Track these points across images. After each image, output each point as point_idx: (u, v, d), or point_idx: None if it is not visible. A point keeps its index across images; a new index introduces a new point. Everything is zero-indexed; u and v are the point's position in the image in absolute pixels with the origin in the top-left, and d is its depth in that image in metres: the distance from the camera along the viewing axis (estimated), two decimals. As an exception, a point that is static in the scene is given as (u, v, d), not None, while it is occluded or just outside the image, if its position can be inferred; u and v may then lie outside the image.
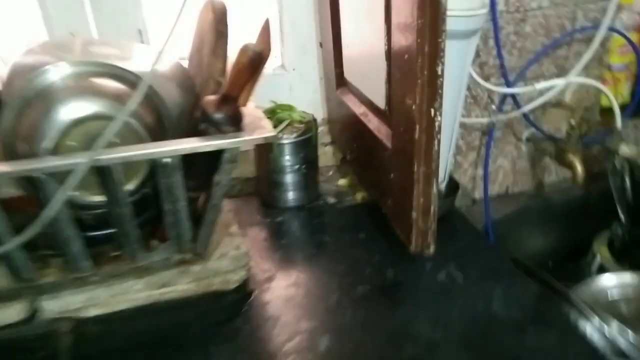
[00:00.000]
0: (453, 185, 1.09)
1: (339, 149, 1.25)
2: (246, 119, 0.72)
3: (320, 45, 1.19)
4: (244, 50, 0.60)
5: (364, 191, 1.15)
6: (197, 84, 0.85)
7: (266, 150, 1.08)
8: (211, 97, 0.67)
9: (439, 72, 0.68)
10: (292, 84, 1.26)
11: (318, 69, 1.24)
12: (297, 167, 1.10)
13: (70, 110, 0.65)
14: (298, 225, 1.09)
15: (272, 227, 1.08)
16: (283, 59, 1.24)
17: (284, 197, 1.13)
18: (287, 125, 1.09)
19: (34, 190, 0.64)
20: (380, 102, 0.87)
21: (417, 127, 0.72)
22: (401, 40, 0.71)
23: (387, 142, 0.84)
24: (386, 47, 0.79)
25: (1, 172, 0.60)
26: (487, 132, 1.19)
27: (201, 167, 0.73)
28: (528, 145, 1.25)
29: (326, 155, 1.29)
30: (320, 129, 1.28)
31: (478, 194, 1.28)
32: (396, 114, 0.79)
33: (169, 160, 0.67)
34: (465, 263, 0.92)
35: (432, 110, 0.71)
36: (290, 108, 1.13)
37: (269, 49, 0.65)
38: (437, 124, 0.72)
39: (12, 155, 0.65)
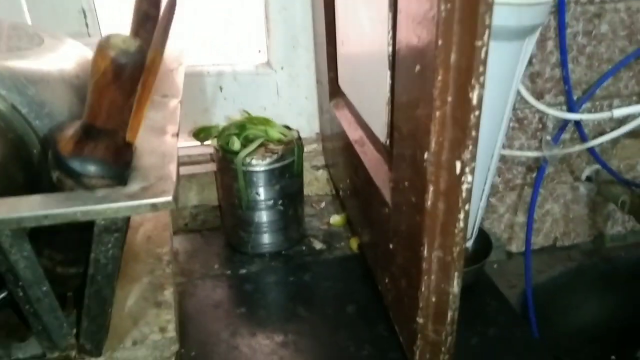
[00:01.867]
0: (484, 243, 0.78)
1: (331, 177, 0.96)
2: (144, 161, 0.43)
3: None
4: (103, 49, 0.31)
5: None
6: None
7: (230, 177, 0.80)
8: (71, 128, 0.38)
9: (475, 101, 0.38)
10: (279, 86, 0.97)
11: (314, 68, 0.95)
12: (271, 202, 0.81)
13: None
14: (267, 284, 0.80)
15: (232, 284, 0.80)
16: (269, 55, 0.95)
17: (253, 241, 0.85)
18: (260, 146, 0.80)
19: None
20: (380, 131, 0.57)
21: (431, 188, 0.42)
22: (412, 38, 0.41)
23: (386, 195, 0.55)
24: (390, 48, 0.49)
25: None
26: (535, 168, 0.87)
27: (71, 234, 0.45)
28: (588, 187, 0.93)
29: (318, 181, 1.00)
30: (313, 146, 0.99)
31: (516, 246, 0.97)
32: (400, 157, 0.49)
33: (-5, 229, 0.39)
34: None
35: (459, 164, 0.41)
36: (266, 122, 0.83)
37: (162, 46, 0.36)
38: (464, 186, 0.42)
39: None
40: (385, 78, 0.51)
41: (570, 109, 0.81)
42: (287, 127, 0.85)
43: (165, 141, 0.47)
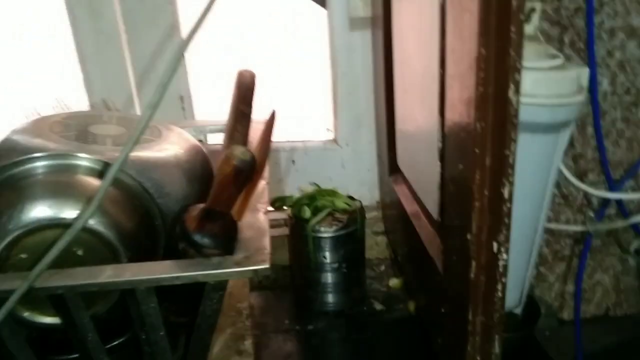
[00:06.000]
0: (533, 309, 0.84)
1: (390, 243, 1.05)
2: (244, 234, 0.55)
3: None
4: (228, 158, 0.44)
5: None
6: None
7: (301, 241, 0.91)
8: (194, 210, 0.51)
9: (506, 195, 0.48)
10: (344, 160, 1.09)
11: (375, 144, 1.07)
12: (336, 265, 0.91)
13: (19, 217, 0.52)
14: (332, 341, 0.89)
15: (301, 339, 0.89)
16: (336, 133, 1.08)
17: (320, 299, 0.94)
18: (328, 215, 0.91)
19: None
20: (434, 209, 0.67)
21: (474, 263, 0.52)
22: (456, 143, 0.52)
23: (439, 264, 0.64)
24: (440, 145, 0.60)
25: None
26: (582, 240, 0.93)
27: (184, 290, 0.57)
28: (637, 259, 0.97)
29: (378, 246, 1.10)
30: (373, 214, 1.09)
31: (567, 314, 1.01)
32: (450, 234, 0.59)
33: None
34: None
35: (495, 245, 0.50)
36: (333, 194, 0.95)
37: (266, 155, 0.48)
38: (501, 263, 0.51)
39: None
40: (437, 167, 0.62)
41: (610, 188, 0.87)
42: (351, 198, 0.96)
43: (259, 218, 0.60)
